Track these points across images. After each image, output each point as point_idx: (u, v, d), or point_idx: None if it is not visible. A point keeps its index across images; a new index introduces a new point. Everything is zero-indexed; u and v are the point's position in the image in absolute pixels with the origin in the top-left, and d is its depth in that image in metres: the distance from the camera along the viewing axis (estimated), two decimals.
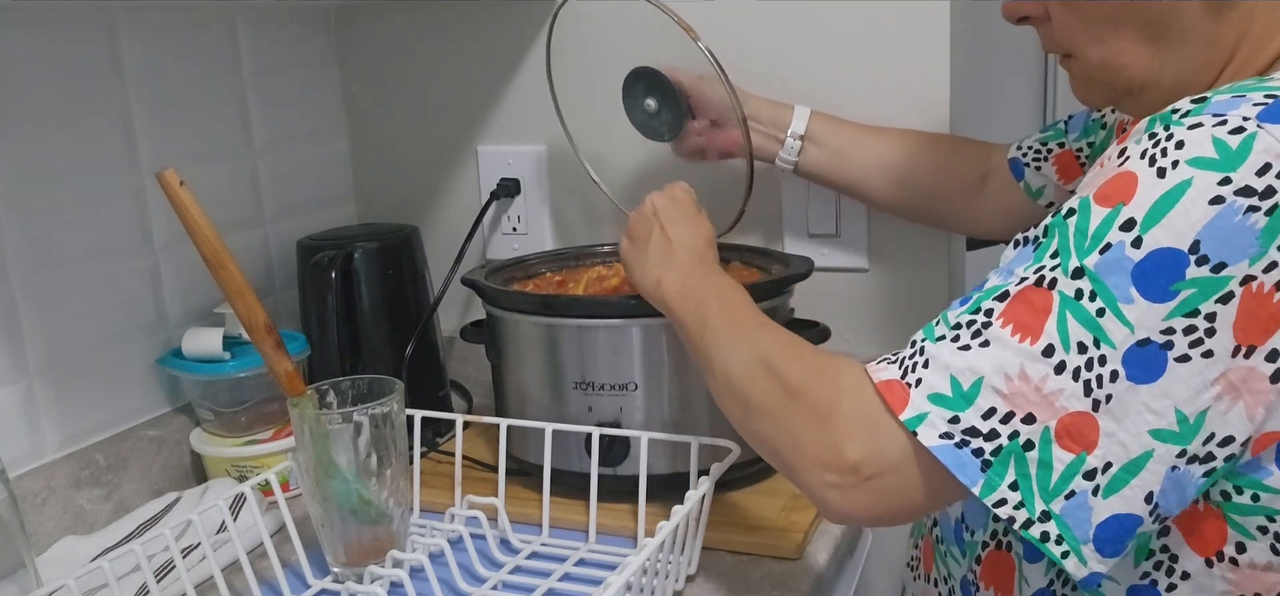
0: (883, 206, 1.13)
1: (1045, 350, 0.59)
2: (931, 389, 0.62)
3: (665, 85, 1.08)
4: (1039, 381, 0.59)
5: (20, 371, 1.00)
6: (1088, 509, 0.60)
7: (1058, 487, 0.60)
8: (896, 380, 0.64)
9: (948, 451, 0.61)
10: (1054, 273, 0.60)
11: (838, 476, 0.66)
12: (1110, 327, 0.58)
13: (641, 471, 0.94)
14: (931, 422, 0.62)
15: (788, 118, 1.10)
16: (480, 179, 1.36)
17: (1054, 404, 0.59)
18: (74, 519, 1.03)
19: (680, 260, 0.88)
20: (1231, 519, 0.64)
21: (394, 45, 1.37)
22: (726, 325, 0.79)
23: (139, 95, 1.10)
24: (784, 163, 1.11)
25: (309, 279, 1.17)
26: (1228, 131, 0.57)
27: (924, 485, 0.64)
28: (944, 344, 0.63)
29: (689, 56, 1.02)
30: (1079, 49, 0.70)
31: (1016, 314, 0.61)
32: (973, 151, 1.09)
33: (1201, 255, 0.56)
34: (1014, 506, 0.60)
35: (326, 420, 0.88)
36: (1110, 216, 0.59)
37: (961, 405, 0.61)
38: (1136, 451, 0.59)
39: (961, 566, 0.81)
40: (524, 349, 1.04)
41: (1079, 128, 1.02)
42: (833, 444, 0.66)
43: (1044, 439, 0.60)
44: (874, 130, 1.11)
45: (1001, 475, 0.60)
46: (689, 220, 0.92)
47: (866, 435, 0.65)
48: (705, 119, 1.10)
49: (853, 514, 0.67)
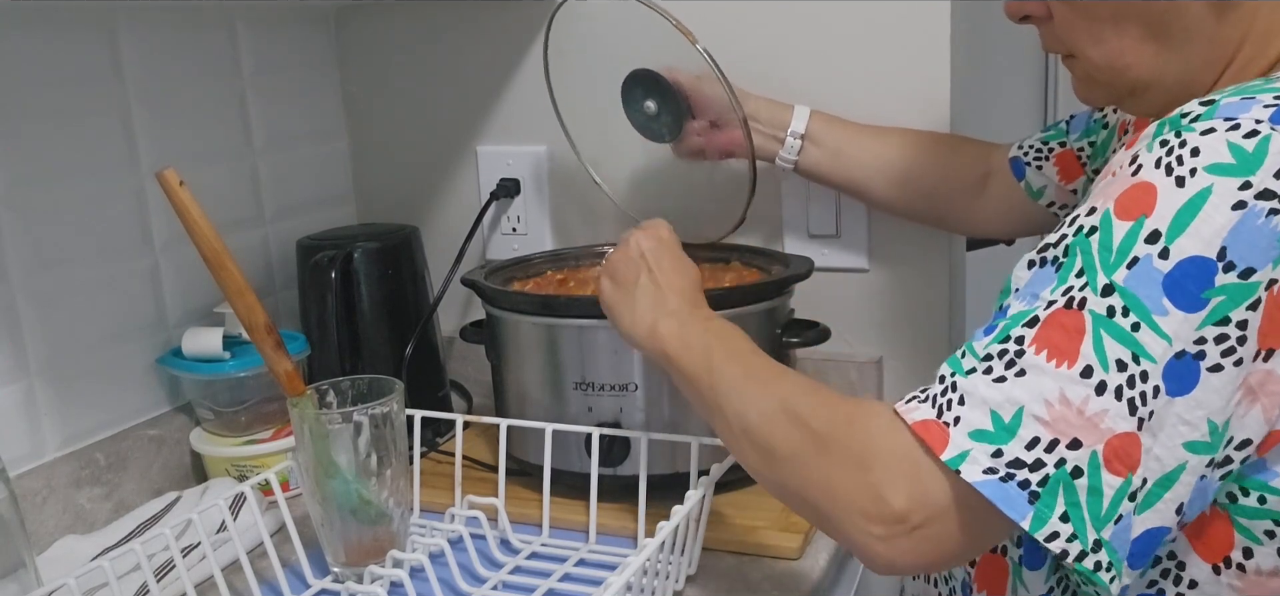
0: (883, 206, 1.13)
1: (1084, 372, 0.58)
2: (971, 425, 0.60)
3: (664, 87, 1.08)
4: (1081, 404, 0.58)
5: (20, 371, 1.00)
6: (1129, 528, 0.59)
7: (1108, 514, 0.58)
8: (933, 420, 0.61)
9: (993, 486, 0.59)
10: (1083, 292, 0.58)
11: (883, 527, 0.62)
12: (1148, 342, 0.57)
13: (641, 471, 0.94)
14: (974, 459, 0.59)
15: (787, 117, 1.10)
16: (480, 179, 1.35)
17: (1099, 426, 0.58)
18: (74, 518, 1.03)
19: (673, 305, 0.83)
20: (1238, 523, 0.64)
21: (394, 45, 1.37)
22: (738, 373, 0.75)
23: (139, 95, 1.10)
24: (784, 162, 1.11)
25: (309, 279, 1.17)
26: (1242, 136, 0.57)
27: (973, 526, 0.61)
28: (977, 377, 0.61)
29: (688, 57, 1.02)
30: (1081, 48, 0.70)
31: (1049, 338, 0.59)
32: (973, 151, 1.09)
33: (1228, 261, 0.56)
34: (1066, 539, 0.58)
35: (326, 420, 0.88)
36: (1134, 229, 0.58)
37: (1004, 438, 0.59)
38: (1171, 465, 0.58)
39: (962, 570, 0.81)
40: (524, 349, 1.04)
41: (1080, 127, 1.02)
42: (875, 492, 0.62)
43: (1093, 464, 0.58)
44: (874, 130, 1.11)
45: (1051, 507, 0.58)
46: (678, 262, 0.87)
47: (909, 481, 0.61)
48: (705, 119, 1.10)
49: (899, 564, 0.63)
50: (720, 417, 0.75)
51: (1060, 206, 1.04)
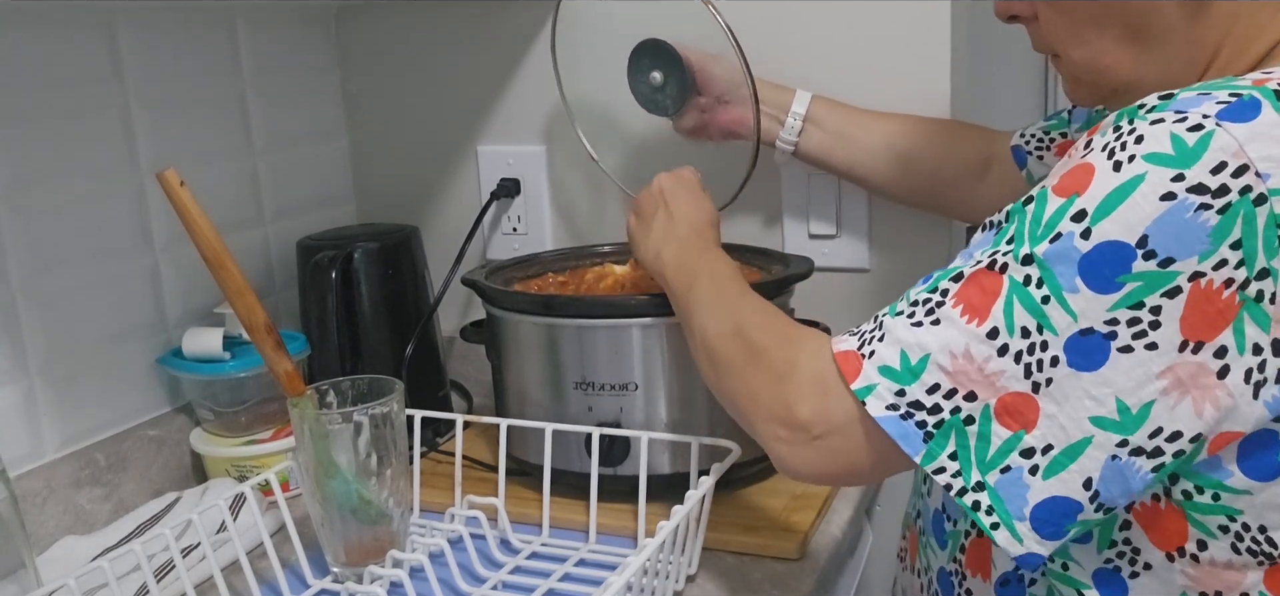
0: (884, 191, 1.13)
1: (990, 332, 0.61)
2: (882, 361, 0.65)
3: (672, 58, 1.08)
4: (982, 361, 0.61)
5: (20, 371, 1.00)
6: (1024, 486, 0.62)
7: (994, 461, 0.62)
8: (853, 351, 0.67)
9: (892, 422, 0.64)
10: (1006, 257, 0.62)
11: (788, 432, 0.70)
12: (1054, 315, 0.59)
13: (641, 471, 0.94)
14: (879, 394, 0.65)
15: (789, 99, 1.10)
16: (480, 179, 1.35)
17: (995, 383, 0.61)
18: (74, 518, 1.03)
19: (680, 234, 0.92)
20: (1193, 517, 0.64)
21: (394, 45, 1.37)
22: (712, 294, 0.84)
23: (139, 95, 1.10)
24: (784, 143, 1.11)
25: (309, 279, 1.17)
26: (1186, 128, 0.57)
27: (869, 450, 0.67)
28: (900, 319, 0.66)
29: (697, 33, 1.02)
30: (1064, 49, 0.71)
31: (968, 295, 0.63)
32: (975, 137, 1.09)
33: (1149, 250, 0.57)
34: (951, 475, 0.63)
35: (326, 420, 0.88)
36: (1064, 206, 0.60)
37: (908, 379, 0.64)
38: (1076, 436, 0.60)
39: (940, 557, 0.82)
40: (524, 349, 1.04)
41: (1082, 118, 1.02)
42: (785, 401, 0.70)
43: (984, 415, 0.62)
44: (876, 114, 1.11)
45: (942, 446, 0.63)
46: (693, 199, 0.96)
47: (816, 396, 0.68)
48: (710, 96, 1.11)
49: (800, 469, 0.71)
50: (689, 331, 0.86)
51: None
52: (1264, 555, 0.64)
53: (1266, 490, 0.62)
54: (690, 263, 0.89)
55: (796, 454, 0.70)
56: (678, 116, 1.12)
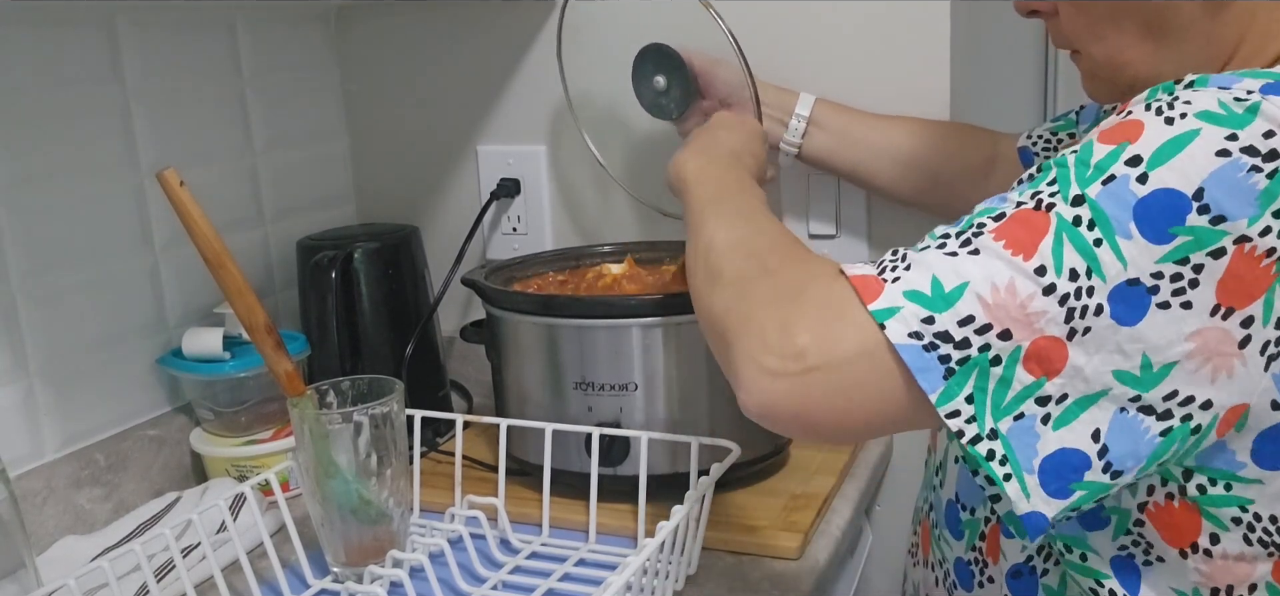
0: (887, 192, 1.13)
1: (1038, 269, 0.58)
2: (909, 285, 0.60)
3: (676, 62, 1.08)
4: (1026, 298, 0.57)
5: (20, 371, 1.00)
6: (1034, 435, 0.59)
7: (1010, 407, 0.59)
8: (872, 275, 0.62)
9: (913, 351, 0.58)
10: (1053, 198, 0.59)
11: (777, 359, 0.61)
12: (1105, 260, 0.57)
13: (641, 471, 0.94)
14: (902, 318, 0.59)
15: (792, 102, 1.10)
16: (480, 179, 1.35)
17: (1034, 324, 0.58)
18: (74, 519, 1.03)
19: (712, 151, 0.90)
20: (1207, 511, 0.64)
21: (394, 45, 1.36)
22: (728, 207, 0.79)
23: (139, 95, 1.10)
24: (787, 146, 1.11)
25: (309, 279, 1.17)
26: (1233, 97, 0.58)
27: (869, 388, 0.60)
28: (929, 251, 0.61)
29: (700, 37, 1.02)
30: (1083, 45, 0.71)
31: (1011, 231, 0.59)
32: (979, 138, 1.10)
33: (1203, 203, 0.56)
34: (965, 419, 0.59)
35: (326, 420, 0.88)
36: (1115, 152, 0.58)
37: (940, 306, 0.58)
38: (1095, 388, 0.58)
39: (956, 548, 0.82)
40: (524, 349, 1.04)
41: (1090, 119, 1.02)
42: (783, 319, 0.62)
43: (1013, 357, 0.58)
44: (879, 116, 1.11)
45: (960, 386, 0.58)
46: (740, 124, 0.97)
47: (822, 321, 0.61)
48: (713, 99, 1.11)
49: (777, 404, 0.61)
50: (694, 238, 0.78)
51: None
52: (1275, 545, 0.64)
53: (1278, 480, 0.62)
54: (712, 175, 0.84)
55: (777, 385, 0.61)
56: (681, 120, 1.12)
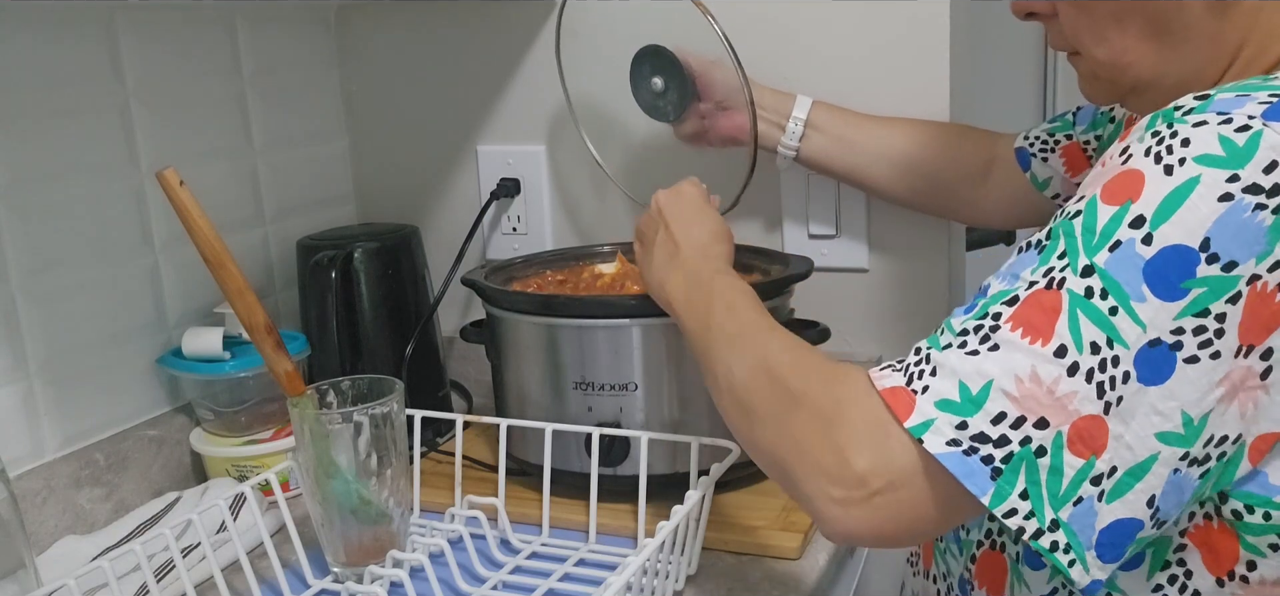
0: (885, 194, 1.13)
1: (1057, 351, 0.57)
2: (939, 395, 0.60)
3: (673, 64, 1.08)
4: (1051, 383, 0.57)
5: (20, 371, 1.00)
6: (1093, 514, 0.58)
7: (1067, 495, 0.58)
8: (902, 387, 0.61)
9: (955, 459, 0.59)
10: (1063, 273, 0.58)
11: (843, 490, 0.62)
12: (1123, 327, 0.57)
13: (641, 471, 0.94)
14: (938, 429, 0.59)
15: (789, 105, 1.10)
16: (480, 179, 1.36)
17: (1067, 407, 0.57)
18: (74, 518, 1.03)
19: (685, 258, 0.86)
20: (1244, 539, 0.63)
21: (394, 45, 1.37)
22: (731, 329, 0.76)
23: (139, 95, 1.10)
24: (785, 149, 1.11)
25: (309, 279, 1.17)
26: (1233, 129, 0.57)
27: (933, 499, 0.61)
28: (951, 351, 0.61)
29: (699, 39, 1.02)
30: (1084, 46, 0.70)
31: (1026, 316, 0.59)
32: (977, 139, 1.09)
33: (1212, 253, 0.56)
34: (1024, 516, 0.58)
35: (326, 420, 0.88)
36: (1119, 214, 0.58)
37: (970, 410, 0.59)
38: (1143, 454, 0.58)
39: (959, 563, 0.81)
40: (524, 349, 1.04)
41: (1087, 120, 1.02)
42: (839, 451, 0.62)
43: (1056, 444, 0.58)
44: (877, 118, 1.11)
45: (1012, 484, 0.58)
46: (696, 215, 0.89)
47: (874, 444, 0.61)
48: (710, 102, 1.11)
49: (856, 531, 0.63)
50: (710, 374, 0.76)
51: (1064, 198, 1.05)
52: None
53: None
54: (700, 296, 0.81)
55: (852, 514, 0.62)
56: (679, 122, 1.12)
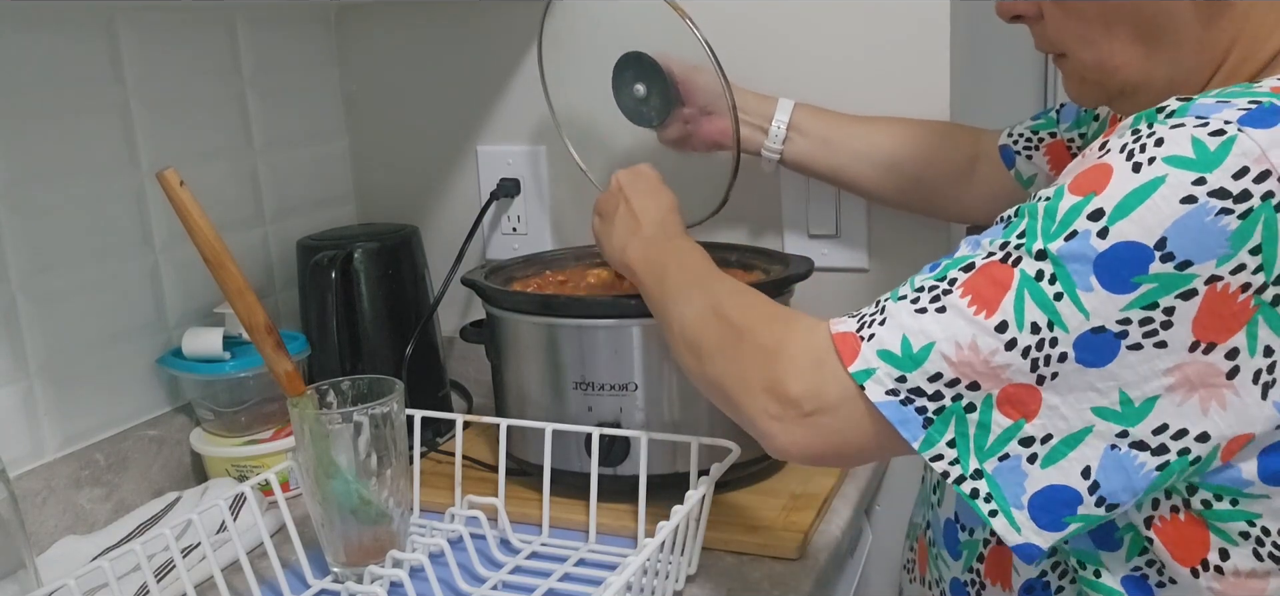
0: (870, 194, 1.13)
1: (999, 326, 0.60)
2: (882, 344, 0.64)
3: (655, 71, 1.08)
4: (988, 354, 0.61)
5: (20, 371, 1.00)
6: (1021, 474, 0.62)
7: (992, 449, 0.62)
8: (851, 332, 0.66)
9: (892, 407, 0.63)
10: (1018, 251, 0.61)
11: (778, 407, 0.68)
12: (1066, 313, 0.59)
13: (641, 471, 0.94)
14: (878, 378, 0.64)
15: (772, 109, 1.10)
16: (480, 179, 1.36)
17: (1000, 375, 0.61)
18: (74, 518, 1.03)
19: (646, 230, 0.92)
20: (1214, 526, 0.64)
21: (394, 45, 1.37)
22: (683, 280, 0.84)
23: (139, 95, 1.10)
24: (769, 152, 1.11)
25: (309, 279, 1.17)
26: (1208, 132, 0.57)
27: (864, 431, 0.66)
28: (903, 303, 0.65)
29: (682, 45, 1.02)
30: (1071, 49, 0.70)
31: (976, 286, 0.62)
32: (962, 137, 1.09)
33: (1167, 252, 0.56)
34: (949, 462, 0.63)
35: (326, 420, 0.88)
36: (1080, 204, 0.59)
37: (909, 366, 0.63)
38: (1077, 425, 0.60)
39: (953, 567, 0.81)
40: (524, 349, 1.04)
41: (1071, 118, 1.02)
42: (776, 376, 0.69)
43: (986, 404, 0.62)
44: (860, 119, 1.11)
45: (941, 433, 0.63)
46: (653, 191, 0.96)
47: (809, 372, 0.67)
48: (693, 107, 1.11)
49: (790, 447, 0.69)
50: (666, 324, 0.84)
51: None
52: None
53: None
54: (657, 255, 0.89)
55: (787, 431, 0.68)
56: (662, 127, 1.12)
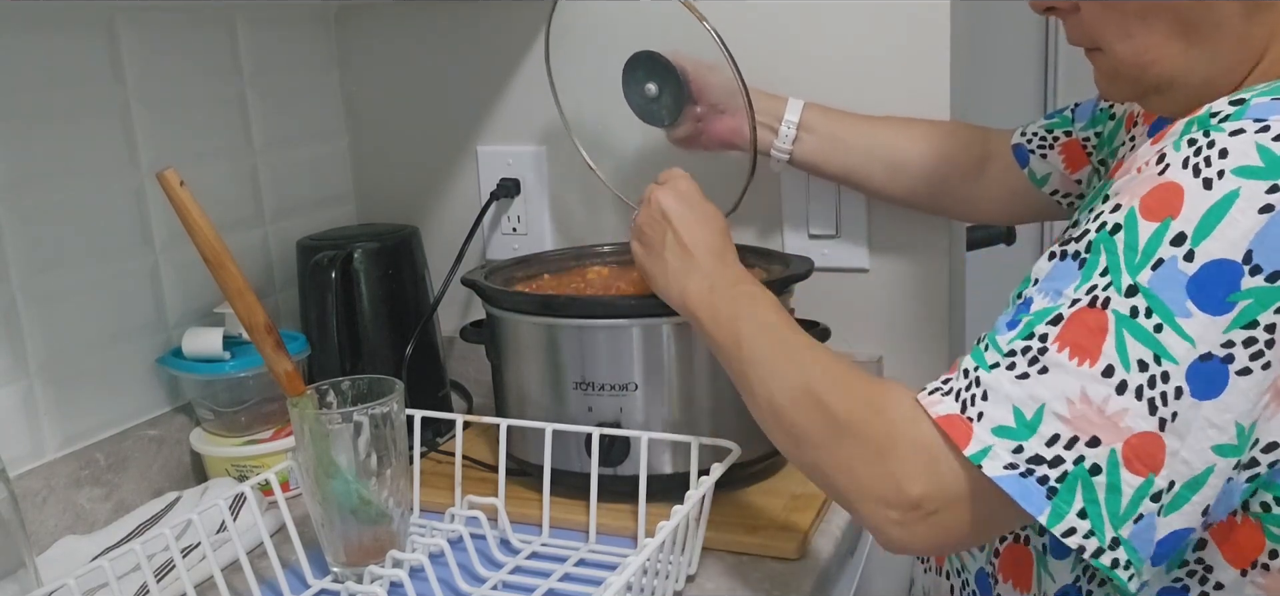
0: (880, 193, 1.13)
1: (1105, 371, 0.59)
2: (994, 421, 0.62)
3: (667, 69, 1.08)
4: (1101, 402, 0.59)
5: (20, 371, 1.00)
6: (1153, 528, 0.60)
7: (1127, 513, 0.59)
8: (956, 414, 0.63)
9: (1012, 481, 0.61)
10: (1107, 292, 0.59)
11: (899, 513, 0.65)
12: (1170, 343, 0.57)
13: (641, 471, 0.94)
14: (995, 454, 0.61)
15: (781, 108, 1.10)
16: (480, 179, 1.36)
17: (1119, 424, 0.59)
18: (74, 518, 1.03)
19: (701, 264, 0.86)
20: (1269, 530, 0.64)
21: (394, 45, 1.36)
22: (766, 349, 0.77)
23: (139, 95, 1.10)
24: (779, 152, 1.10)
25: (309, 279, 1.17)
26: (1271, 138, 0.57)
27: (989, 514, 0.64)
28: (1000, 373, 0.62)
29: (692, 43, 1.01)
30: (1108, 42, 0.69)
31: (1072, 336, 0.60)
32: (970, 136, 1.09)
33: (1254, 264, 0.56)
34: (1083, 535, 0.60)
35: (326, 420, 0.88)
36: (1160, 230, 0.58)
37: (1025, 434, 0.60)
38: (1199, 468, 0.59)
39: (978, 559, 0.81)
40: (524, 349, 1.04)
41: (1086, 116, 1.02)
42: (893, 480, 0.65)
43: (1111, 462, 0.59)
44: (869, 118, 1.11)
45: (1068, 502, 0.60)
46: (701, 217, 0.90)
47: (927, 470, 0.64)
48: (705, 105, 1.10)
49: (915, 547, 0.67)
50: (748, 394, 0.78)
51: (1063, 195, 1.04)
52: None
53: None
54: (725, 306, 0.82)
55: (911, 534, 0.65)
56: (673, 127, 1.12)
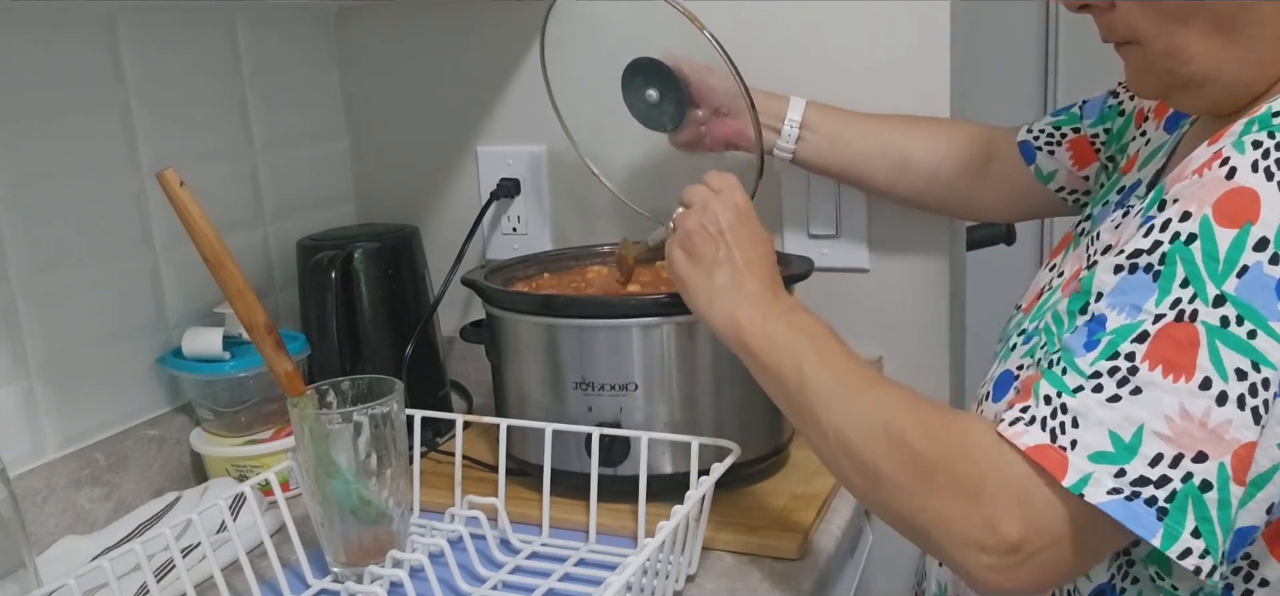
0: (884, 192, 1.12)
1: (1202, 384, 0.58)
2: (1090, 447, 0.60)
3: (667, 75, 1.08)
4: (1202, 416, 0.58)
5: (20, 371, 1.00)
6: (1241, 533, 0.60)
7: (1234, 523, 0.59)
8: (1048, 445, 0.61)
9: (1118, 506, 0.59)
10: (1193, 304, 0.59)
11: (997, 558, 0.62)
12: (1266, 348, 0.57)
13: (641, 471, 0.94)
14: (1097, 481, 0.59)
15: (783, 108, 1.10)
16: (480, 179, 1.35)
17: (1224, 436, 0.58)
18: (74, 518, 1.03)
19: (753, 291, 0.82)
20: None
21: (394, 45, 1.37)
22: (830, 381, 0.74)
23: (139, 95, 1.10)
24: (781, 152, 1.10)
25: (309, 279, 1.17)
26: None
27: (1094, 544, 0.62)
28: (1087, 396, 0.60)
29: (689, 47, 1.01)
30: (1146, 38, 0.68)
31: (1162, 353, 0.59)
32: (974, 134, 1.09)
33: None
34: (1199, 555, 0.58)
35: (326, 420, 0.88)
36: (1240, 237, 0.58)
37: (1126, 457, 0.59)
38: (1266, 465, 0.59)
39: None
40: (524, 349, 1.04)
41: (1094, 113, 1.01)
42: (988, 524, 0.62)
43: (1222, 476, 0.58)
44: (871, 116, 1.11)
45: (1181, 522, 0.58)
46: (755, 237, 0.86)
47: (1022, 510, 0.62)
48: (707, 108, 1.10)
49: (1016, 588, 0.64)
50: (814, 428, 0.74)
51: (1070, 192, 1.04)
52: None
53: None
54: (780, 336, 0.78)
55: (1011, 577, 0.62)
56: (676, 132, 1.11)
